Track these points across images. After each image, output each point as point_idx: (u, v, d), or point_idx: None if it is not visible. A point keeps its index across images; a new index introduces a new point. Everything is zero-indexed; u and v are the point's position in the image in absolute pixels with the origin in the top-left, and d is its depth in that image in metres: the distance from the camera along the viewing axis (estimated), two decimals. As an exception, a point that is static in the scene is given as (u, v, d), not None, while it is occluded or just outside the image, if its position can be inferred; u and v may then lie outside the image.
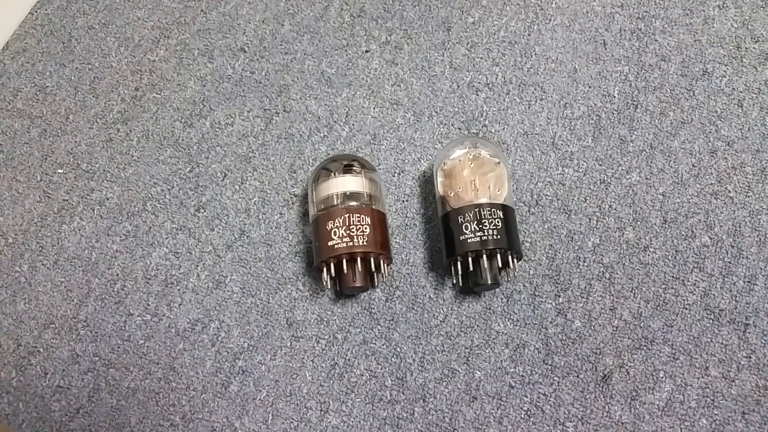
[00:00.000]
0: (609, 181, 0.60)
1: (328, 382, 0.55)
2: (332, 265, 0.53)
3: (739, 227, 0.58)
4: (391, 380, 0.54)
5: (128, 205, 0.62)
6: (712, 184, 0.59)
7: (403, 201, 0.61)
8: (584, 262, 0.57)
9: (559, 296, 0.56)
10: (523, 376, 0.54)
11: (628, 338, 0.54)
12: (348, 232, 0.53)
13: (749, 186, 0.59)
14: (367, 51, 0.68)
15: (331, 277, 0.54)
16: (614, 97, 0.64)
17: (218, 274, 0.59)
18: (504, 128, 0.63)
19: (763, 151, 0.60)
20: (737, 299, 0.55)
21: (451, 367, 0.55)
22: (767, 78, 0.64)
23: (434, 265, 0.58)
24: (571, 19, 0.68)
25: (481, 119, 0.64)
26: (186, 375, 0.55)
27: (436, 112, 0.65)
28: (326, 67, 0.67)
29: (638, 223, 0.58)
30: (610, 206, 0.59)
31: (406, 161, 0.63)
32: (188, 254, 0.60)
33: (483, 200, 0.54)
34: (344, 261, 0.53)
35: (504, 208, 0.54)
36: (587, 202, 0.60)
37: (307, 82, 0.67)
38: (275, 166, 0.63)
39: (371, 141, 0.64)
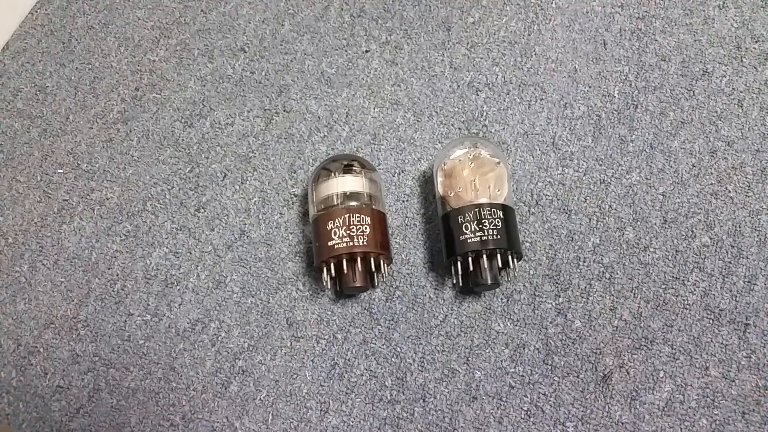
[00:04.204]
0: (609, 181, 0.60)
1: (328, 382, 0.55)
2: (332, 265, 0.53)
3: (739, 227, 0.58)
4: (391, 380, 0.54)
5: (128, 205, 0.62)
6: (712, 184, 0.59)
7: (403, 201, 0.61)
8: (584, 262, 0.57)
9: (559, 296, 0.56)
10: (523, 376, 0.54)
11: (628, 338, 0.54)
12: (348, 232, 0.53)
13: (749, 186, 0.59)
14: (367, 51, 0.68)
15: (331, 277, 0.54)
16: (614, 97, 0.64)
17: (218, 274, 0.59)
18: (504, 128, 0.63)
19: (763, 151, 0.60)
20: (737, 299, 0.55)
21: (451, 367, 0.55)
22: (767, 78, 0.64)
23: (434, 265, 0.58)
24: (571, 19, 0.68)
25: (481, 119, 0.64)
26: (186, 375, 0.55)
27: (436, 112, 0.65)
28: (326, 67, 0.67)
29: (638, 223, 0.58)
30: (610, 206, 0.59)
31: (406, 161, 0.63)
32: (188, 254, 0.60)
33: (483, 200, 0.54)
34: (344, 261, 0.53)
35: (504, 208, 0.54)
36: (587, 202, 0.60)
37: (307, 82, 0.67)
38: (275, 166, 0.63)
39: (371, 141, 0.64)
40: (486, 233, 0.52)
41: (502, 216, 0.53)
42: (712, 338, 0.54)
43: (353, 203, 0.55)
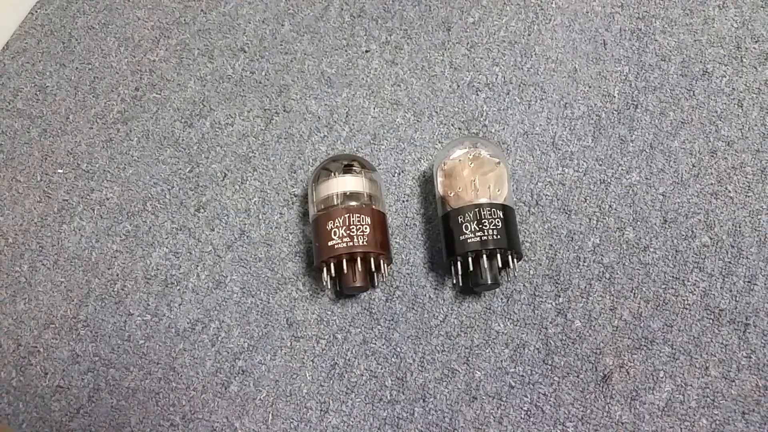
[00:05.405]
0: (609, 181, 0.60)
1: (328, 382, 0.55)
2: (332, 265, 0.53)
3: (739, 227, 0.58)
4: (391, 380, 0.54)
5: (128, 205, 0.62)
6: (712, 184, 0.59)
7: (403, 201, 0.61)
8: (584, 262, 0.57)
9: (559, 296, 0.56)
10: (523, 376, 0.54)
11: (628, 338, 0.54)
12: (348, 232, 0.53)
13: (749, 186, 0.59)
14: (367, 51, 0.68)
15: (331, 277, 0.54)
16: (614, 97, 0.64)
17: (218, 274, 0.59)
18: (504, 128, 0.63)
19: (763, 151, 0.60)
20: (737, 299, 0.55)
21: (451, 367, 0.55)
22: (767, 78, 0.64)
23: (434, 265, 0.58)
24: (571, 19, 0.68)
25: (481, 119, 0.64)
26: (186, 375, 0.55)
27: (436, 112, 0.65)
28: (326, 67, 0.67)
29: (638, 223, 0.58)
30: (610, 206, 0.59)
31: (406, 161, 0.63)
32: (188, 254, 0.60)
33: (483, 200, 0.54)
34: (344, 261, 0.53)
35: (504, 208, 0.54)
36: (587, 202, 0.60)
37: (307, 82, 0.67)
38: (275, 166, 0.63)
39: (371, 141, 0.64)
40: (486, 233, 0.52)
41: (502, 216, 0.53)
42: (712, 338, 0.54)
43: (353, 203, 0.55)
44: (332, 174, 0.56)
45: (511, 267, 0.54)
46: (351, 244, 0.52)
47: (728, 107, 0.63)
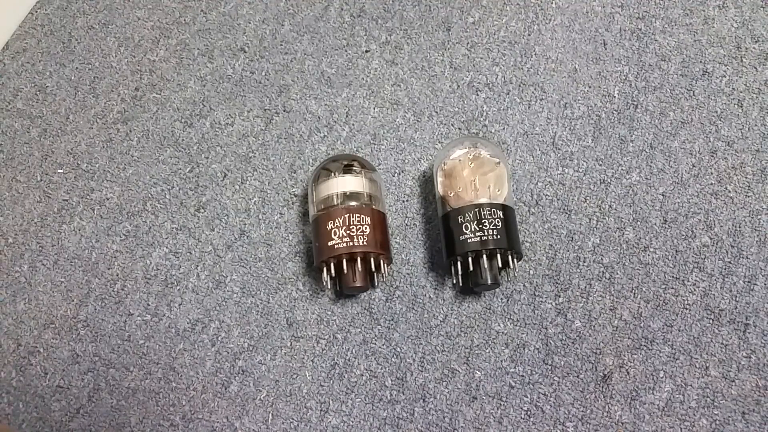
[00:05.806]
0: (609, 181, 0.60)
1: (328, 382, 0.55)
2: (332, 265, 0.53)
3: (739, 227, 0.58)
4: (391, 380, 0.54)
5: (128, 205, 0.62)
6: (712, 184, 0.59)
7: (403, 201, 0.61)
8: (584, 262, 0.57)
9: (559, 296, 0.56)
10: (523, 376, 0.54)
11: (628, 338, 0.54)
12: (348, 232, 0.53)
13: (749, 186, 0.59)
14: (367, 51, 0.68)
15: (331, 277, 0.54)
16: (614, 97, 0.64)
17: (218, 274, 0.59)
18: (504, 128, 0.63)
19: (763, 151, 0.60)
20: (737, 299, 0.55)
21: (451, 367, 0.55)
22: (767, 78, 0.64)
23: (434, 265, 0.58)
24: (571, 19, 0.68)
25: (481, 119, 0.64)
26: (186, 375, 0.55)
27: (436, 112, 0.65)
28: (326, 67, 0.67)
29: (638, 223, 0.58)
30: (610, 206, 0.59)
31: (406, 161, 0.63)
32: (188, 254, 0.60)
33: (483, 200, 0.54)
34: (344, 261, 0.53)
35: (504, 208, 0.54)
36: (587, 202, 0.60)
37: (307, 82, 0.67)
38: (275, 166, 0.63)
39: (371, 141, 0.64)
40: (486, 233, 0.52)
41: (502, 216, 0.53)
42: (712, 338, 0.54)
43: (353, 203, 0.55)
44: (332, 174, 0.56)
45: (511, 267, 0.54)
46: (351, 244, 0.52)
47: (728, 107, 0.63)
